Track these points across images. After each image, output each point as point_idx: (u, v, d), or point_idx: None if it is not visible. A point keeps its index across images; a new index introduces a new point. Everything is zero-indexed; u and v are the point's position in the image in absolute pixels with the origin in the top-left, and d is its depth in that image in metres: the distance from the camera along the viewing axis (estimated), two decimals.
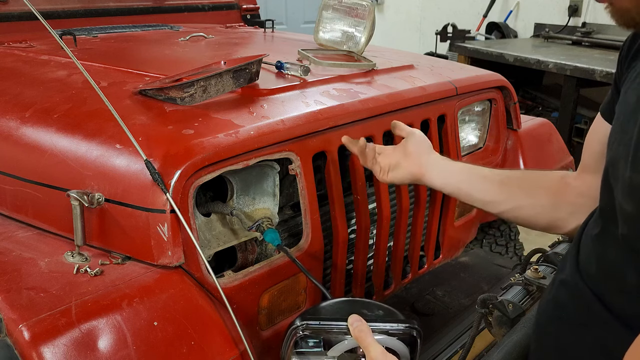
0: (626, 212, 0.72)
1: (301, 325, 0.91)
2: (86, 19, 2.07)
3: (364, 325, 0.90)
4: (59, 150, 1.08)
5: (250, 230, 1.11)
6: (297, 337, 0.91)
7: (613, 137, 0.80)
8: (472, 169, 1.12)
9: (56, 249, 1.01)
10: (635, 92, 0.77)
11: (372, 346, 0.88)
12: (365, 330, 0.90)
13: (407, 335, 0.94)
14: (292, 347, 0.91)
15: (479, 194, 1.10)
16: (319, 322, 0.92)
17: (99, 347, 0.82)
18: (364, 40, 1.68)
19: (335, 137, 1.23)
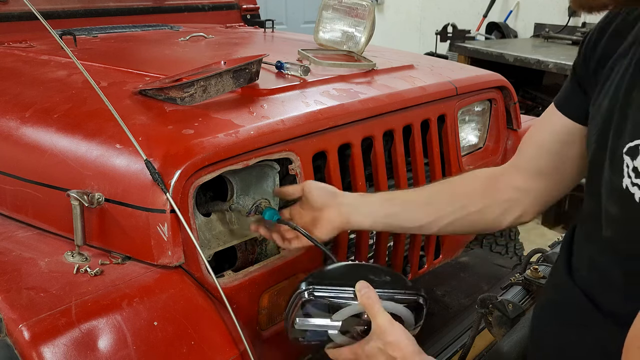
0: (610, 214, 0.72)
1: (307, 290, 0.90)
2: (86, 19, 2.07)
3: (372, 292, 0.90)
4: (59, 150, 1.08)
5: (249, 215, 1.10)
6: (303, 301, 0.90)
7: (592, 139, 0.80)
8: (393, 199, 1.08)
9: (56, 249, 1.01)
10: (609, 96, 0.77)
11: (379, 314, 0.89)
12: (374, 297, 0.90)
13: (414, 302, 0.94)
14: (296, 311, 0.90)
15: (409, 223, 1.07)
16: (326, 287, 0.91)
17: (99, 347, 0.82)
18: (364, 40, 1.68)
19: (335, 137, 1.23)
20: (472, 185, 1.07)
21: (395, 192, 1.13)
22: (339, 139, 1.24)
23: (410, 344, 0.88)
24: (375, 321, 0.89)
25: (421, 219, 1.06)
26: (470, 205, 1.04)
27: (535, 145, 0.99)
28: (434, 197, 1.07)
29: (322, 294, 0.91)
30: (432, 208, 1.06)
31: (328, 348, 0.96)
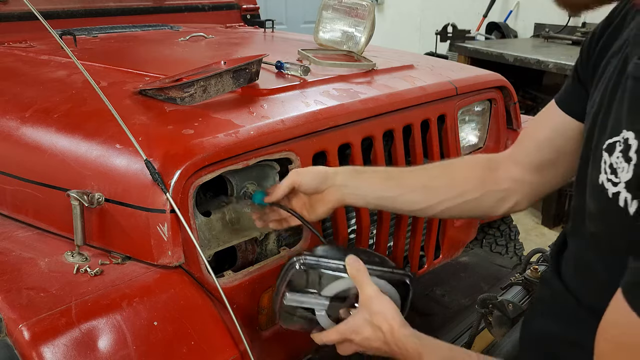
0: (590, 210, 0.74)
1: (298, 260, 0.93)
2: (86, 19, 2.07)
3: (361, 265, 0.94)
4: (59, 150, 1.08)
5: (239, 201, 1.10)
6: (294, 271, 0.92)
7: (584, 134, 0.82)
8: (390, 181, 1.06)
9: (56, 249, 1.01)
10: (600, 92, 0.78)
11: (367, 285, 0.92)
12: (362, 269, 0.93)
13: (401, 282, 0.98)
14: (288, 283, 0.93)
15: (405, 206, 1.07)
16: (317, 258, 0.95)
17: (99, 347, 0.82)
18: (364, 40, 1.68)
19: (335, 137, 1.23)
20: (472, 172, 1.08)
21: (392, 171, 1.10)
22: (339, 139, 1.24)
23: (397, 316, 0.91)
24: (363, 291, 0.92)
25: (418, 202, 1.06)
26: (469, 193, 1.05)
27: (535, 140, 1.01)
28: (432, 181, 1.06)
29: (312, 262, 0.94)
30: (429, 193, 1.05)
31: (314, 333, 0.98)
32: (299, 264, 0.93)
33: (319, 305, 0.96)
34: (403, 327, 0.89)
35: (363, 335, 0.92)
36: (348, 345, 0.95)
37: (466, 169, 1.09)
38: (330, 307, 0.96)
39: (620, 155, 0.66)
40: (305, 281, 0.95)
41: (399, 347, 0.88)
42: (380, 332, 0.90)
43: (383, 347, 0.91)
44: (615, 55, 0.78)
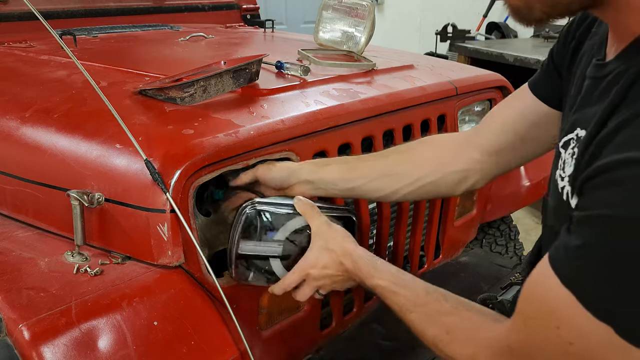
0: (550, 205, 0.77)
1: (249, 205, 0.97)
2: (86, 19, 2.07)
3: (308, 201, 1.00)
4: (59, 150, 1.08)
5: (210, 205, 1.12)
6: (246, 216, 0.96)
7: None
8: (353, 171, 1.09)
9: (56, 249, 1.01)
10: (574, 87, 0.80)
11: (317, 217, 0.99)
12: (311, 204, 1.00)
13: (346, 217, 1.05)
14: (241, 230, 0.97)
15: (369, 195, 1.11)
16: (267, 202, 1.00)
17: (99, 347, 0.82)
18: (364, 40, 1.68)
19: (335, 137, 1.23)
20: (431, 154, 1.10)
21: (352, 160, 1.13)
22: (339, 139, 1.24)
23: (349, 237, 0.98)
24: (314, 223, 0.98)
25: (380, 189, 1.09)
26: (427, 177, 1.07)
27: (500, 122, 1.03)
28: (393, 168, 1.09)
29: (263, 207, 0.98)
30: (391, 179, 1.08)
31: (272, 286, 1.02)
32: (250, 207, 0.97)
33: (272, 251, 0.99)
34: (356, 247, 0.96)
35: (321, 264, 0.96)
36: (307, 286, 0.99)
37: (425, 152, 1.11)
38: (284, 251, 0.99)
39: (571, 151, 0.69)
40: (257, 228, 0.98)
41: (354, 265, 0.94)
42: (335, 254, 0.95)
43: (340, 274, 0.96)
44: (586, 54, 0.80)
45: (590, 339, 0.57)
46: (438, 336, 0.81)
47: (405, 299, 0.87)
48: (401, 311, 0.88)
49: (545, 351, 0.63)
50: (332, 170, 1.09)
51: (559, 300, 0.58)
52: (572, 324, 0.58)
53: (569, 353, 0.60)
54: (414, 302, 0.86)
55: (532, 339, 0.65)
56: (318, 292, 1.01)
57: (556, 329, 0.60)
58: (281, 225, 0.99)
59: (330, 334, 1.34)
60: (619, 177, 0.53)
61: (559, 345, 0.60)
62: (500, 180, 1.77)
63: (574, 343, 0.59)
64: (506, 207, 1.88)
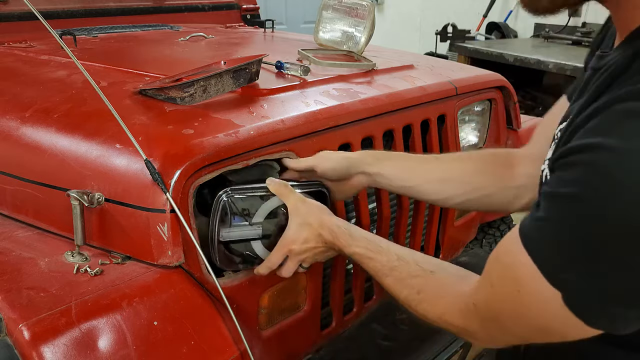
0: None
1: (224, 193, 0.99)
2: (86, 19, 2.07)
3: (281, 181, 1.03)
4: (59, 150, 1.08)
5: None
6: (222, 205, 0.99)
7: None
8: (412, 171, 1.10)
9: (56, 249, 1.01)
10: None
11: (291, 194, 1.02)
12: (283, 183, 1.02)
13: (318, 191, 1.08)
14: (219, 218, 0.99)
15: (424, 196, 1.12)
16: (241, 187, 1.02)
17: (99, 347, 0.82)
18: (364, 40, 1.68)
19: (335, 137, 1.23)
20: (489, 167, 1.09)
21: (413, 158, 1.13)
22: (339, 139, 1.24)
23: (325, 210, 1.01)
24: (289, 201, 1.01)
25: (436, 193, 1.09)
26: (484, 189, 1.07)
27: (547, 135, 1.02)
28: (452, 174, 1.09)
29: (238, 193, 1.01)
30: (448, 185, 1.08)
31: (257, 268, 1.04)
32: (226, 195, 0.99)
33: (252, 234, 1.02)
34: (332, 217, 1.00)
35: (301, 238, 0.99)
36: (290, 261, 1.01)
37: (484, 164, 1.10)
38: (264, 232, 1.02)
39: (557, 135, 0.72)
40: (235, 214, 1.01)
41: (332, 236, 0.97)
42: (314, 228, 0.98)
43: (320, 245, 0.99)
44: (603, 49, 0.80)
45: (543, 305, 0.62)
46: (409, 296, 0.86)
47: (380, 264, 0.91)
48: (377, 276, 0.92)
49: (506, 311, 0.68)
50: (392, 166, 1.10)
51: (522, 265, 0.63)
52: (530, 288, 0.62)
53: (525, 316, 0.65)
54: (389, 266, 0.90)
55: (495, 300, 0.69)
56: (301, 266, 1.03)
57: (517, 292, 0.64)
58: (258, 207, 1.02)
59: (330, 334, 1.34)
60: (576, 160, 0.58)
61: (518, 308, 0.65)
62: None
63: (530, 308, 0.64)
64: None
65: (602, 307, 0.59)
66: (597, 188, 0.55)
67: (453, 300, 0.79)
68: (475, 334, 0.76)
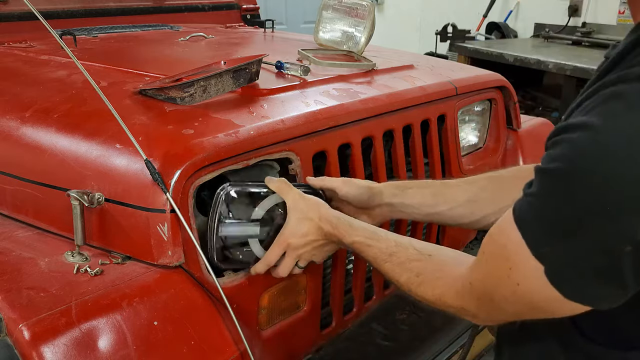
0: None
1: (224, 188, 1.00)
2: (86, 19, 2.07)
3: (281, 179, 1.04)
4: (59, 150, 1.08)
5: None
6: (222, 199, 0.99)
7: None
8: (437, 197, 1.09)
9: (56, 249, 1.01)
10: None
11: (291, 190, 1.02)
12: (282, 180, 1.03)
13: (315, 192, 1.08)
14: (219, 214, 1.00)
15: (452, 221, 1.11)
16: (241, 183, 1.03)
17: (99, 347, 0.82)
18: (364, 40, 1.68)
19: (335, 137, 1.23)
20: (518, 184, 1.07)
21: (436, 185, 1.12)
22: (339, 139, 1.23)
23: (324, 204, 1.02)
24: (289, 197, 1.01)
25: (466, 216, 1.08)
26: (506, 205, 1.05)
27: None
28: (479, 194, 1.08)
29: (238, 190, 1.01)
30: (477, 205, 1.07)
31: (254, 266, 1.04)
32: (225, 191, 1.00)
33: (251, 231, 1.02)
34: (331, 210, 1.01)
35: (300, 232, 0.99)
36: (288, 257, 1.02)
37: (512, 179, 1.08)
38: (263, 230, 1.03)
39: None
40: (234, 211, 1.01)
41: (332, 226, 0.98)
42: (314, 221, 0.99)
43: (320, 238, 1.00)
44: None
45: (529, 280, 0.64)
46: (409, 279, 0.87)
47: (379, 251, 0.93)
48: (376, 262, 0.94)
49: (500, 289, 0.70)
50: (415, 195, 1.10)
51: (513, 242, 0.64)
52: (519, 265, 0.65)
53: (516, 293, 0.67)
54: (387, 252, 0.92)
55: (489, 277, 0.72)
56: (297, 265, 1.04)
57: (508, 270, 0.66)
58: (257, 204, 1.02)
59: (330, 334, 1.34)
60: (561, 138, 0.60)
61: (509, 285, 0.67)
62: None
63: (520, 284, 0.66)
64: None
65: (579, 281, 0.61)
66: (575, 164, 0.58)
67: (451, 281, 0.81)
68: (472, 313, 0.78)
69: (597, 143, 0.57)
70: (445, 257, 0.87)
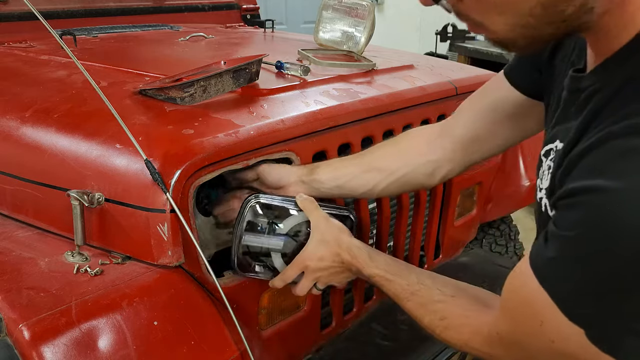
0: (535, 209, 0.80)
1: (254, 198, 1.01)
2: (86, 19, 2.06)
3: (310, 197, 1.04)
4: (59, 150, 1.08)
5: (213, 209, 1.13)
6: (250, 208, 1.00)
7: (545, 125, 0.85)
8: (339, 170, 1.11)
9: (56, 249, 1.01)
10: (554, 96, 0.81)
11: (316, 211, 1.02)
12: (311, 200, 1.04)
13: (346, 217, 1.08)
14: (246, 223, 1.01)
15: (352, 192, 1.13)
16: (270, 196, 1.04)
17: (99, 347, 0.82)
18: (364, 40, 1.68)
19: (335, 137, 1.23)
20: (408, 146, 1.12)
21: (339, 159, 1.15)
22: (339, 139, 1.24)
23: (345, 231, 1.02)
24: (313, 217, 1.01)
25: (364, 185, 1.11)
26: (403, 168, 1.10)
27: (474, 112, 1.04)
28: (373, 163, 1.11)
29: (267, 201, 1.02)
30: (371, 174, 1.10)
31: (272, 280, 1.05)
32: (255, 201, 1.01)
33: (274, 245, 1.02)
34: (352, 239, 1.00)
35: (317, 255, 0.99)
36: (306, 278, 1.01)
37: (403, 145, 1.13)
38: (285, 245, 1.02)
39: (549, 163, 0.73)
40: (261, 222, 1.02)
41: (351, 255, 0.97)
42: (331, 246, 0.99)
43: (336, 265, 0.99)
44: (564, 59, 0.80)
45: (567, 339, 0.63)
46: (433, 322, 0.87)
47: (400, 288, 0.92)
48: (398, 299, 0.93)
49: (533, 342, 0.68)
50: (322, 171, 1.12)
51: (540, 300, 0.63)
52: (552, 323, 0.63)
53: (552, 349, 0.65)
54: (409, 290, 0.90)
55: (519, 332, 0.70)
56: (316, 287, 1.03)
57: (540, 326, 0.65)
58: (284, 219, 1.02)
59: (330, 334, 1.34)
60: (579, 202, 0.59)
61: (543, 341, 0.66)
62: (500, 180, 1.77)
63: (554, 341, 0.64)
64: (506, 207, 1.88)
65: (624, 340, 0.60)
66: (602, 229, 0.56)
67: (477, 329, 0.80)
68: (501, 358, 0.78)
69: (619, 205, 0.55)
70: (469, 300, 0.86)
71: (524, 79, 0.93)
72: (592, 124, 0.63)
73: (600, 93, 0.64)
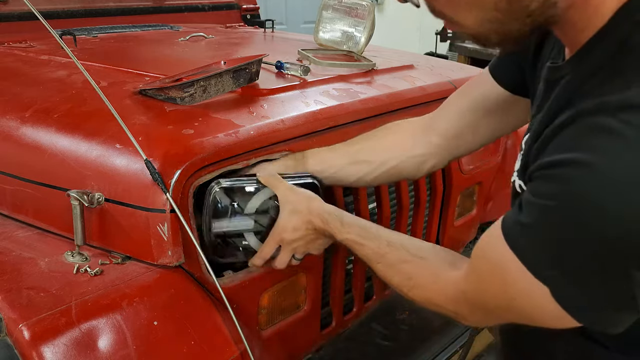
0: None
1: (215, 185, 1.00)
2: (86, 19, 2.06)
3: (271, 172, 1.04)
4: (59, 150, 1.08)
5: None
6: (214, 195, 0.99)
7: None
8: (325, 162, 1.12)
9: (56, 249, 1.01)
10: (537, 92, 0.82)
11: (281, 184, 1.02)
12: (272, 174, 1.04)
13: (308, 183, 1.07)
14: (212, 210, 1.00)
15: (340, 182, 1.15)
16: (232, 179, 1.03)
17: (99, 347, 0.82)
18: (364, 40, 1.68)
19: (335, 137, 1.23)
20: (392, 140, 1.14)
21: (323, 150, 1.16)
22: (339, 139, 1.23)
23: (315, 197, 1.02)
24: (279, 190, 1.01)
25: (351, 176, 1.13)
26: (390, 161, 1.11)
27: (459, 107, 1.06)
28: (358, 155, 1.13)
29: (229, 184, 1.01)
30: (358, 166, 1.12)
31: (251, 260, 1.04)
32: (217, 187, 1.00)
33: (245, 226, 1.02)
34: (323, 204, 1.00)
35: (290, 226, 0.99)
36: (283, 251, 1.01)
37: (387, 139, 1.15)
38: (257, 224, 1.02)
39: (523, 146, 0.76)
40: (226, 206, 1.01)
41: (322, 222, 0.97)
42: (303, 215, 0.99)
43: (311, 233, 0.99)
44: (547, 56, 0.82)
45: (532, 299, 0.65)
46: (401, 282, 0.88)
47: (371, 251, 0.93)
48: (369, 262, 0.94)
49: (494, 301, 0.72)
50: (310, 163, 1.13)
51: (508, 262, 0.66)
52: (517, 283, 0.66)
53: (513, 307, 0.69)
54: (379, 253, 0.91)
55: (483, 291, 0.74)
56: (294, 257, 1.03)
57: (505, 287, 0.68)
58: (249, 199, 1.02)
59: (330, 334, 1.34)
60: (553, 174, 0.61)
61: (507, 301, 0.69)
62: (500, 180, 1.77)
63: (519, 300, 0.68)
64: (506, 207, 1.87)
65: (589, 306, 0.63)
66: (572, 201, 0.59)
67: (444, 286, 0.82)
68: (464, 317, 0.81)
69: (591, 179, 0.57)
70: (437, 260, 0.88)
71: (507, 76, 0.95)
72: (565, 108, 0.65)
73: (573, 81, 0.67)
